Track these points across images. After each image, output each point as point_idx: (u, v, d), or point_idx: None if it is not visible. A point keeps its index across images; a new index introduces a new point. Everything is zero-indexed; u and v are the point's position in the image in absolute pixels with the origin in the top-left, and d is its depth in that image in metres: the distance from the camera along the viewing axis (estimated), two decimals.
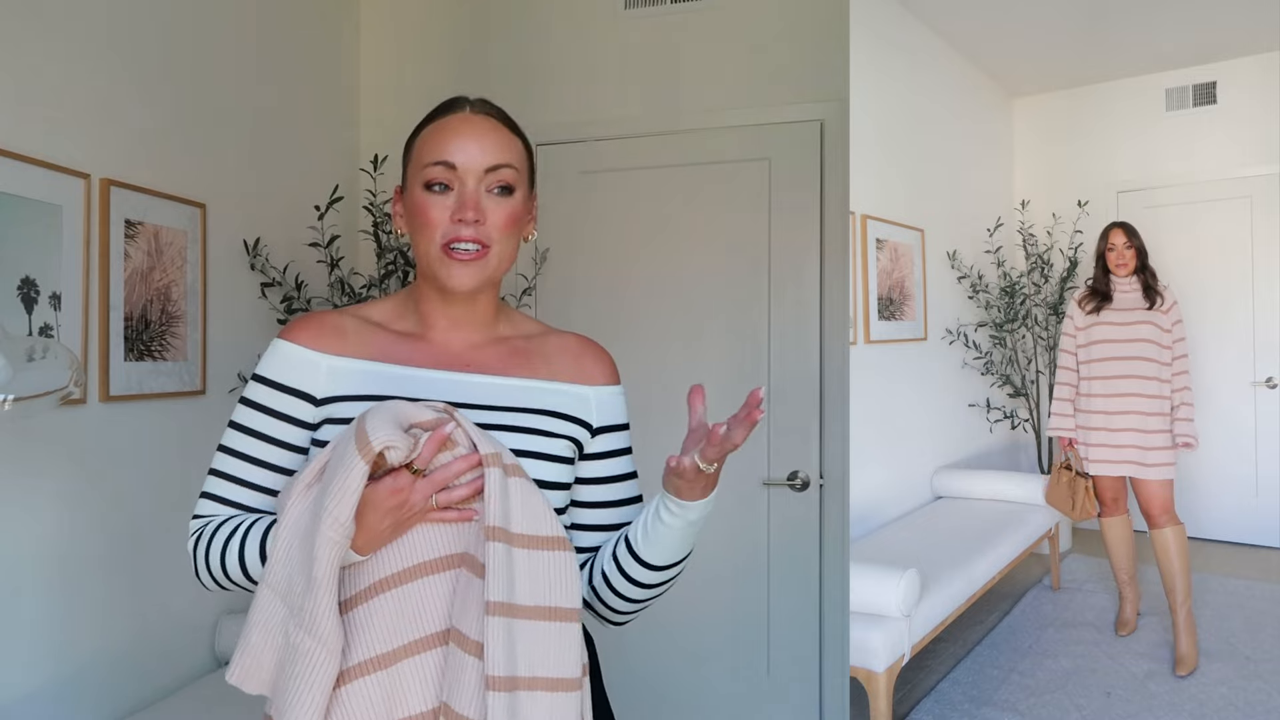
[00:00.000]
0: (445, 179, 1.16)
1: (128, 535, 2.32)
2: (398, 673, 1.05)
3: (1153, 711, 2.71)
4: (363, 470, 1.02)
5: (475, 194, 1.16)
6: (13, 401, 1.55)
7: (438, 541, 1.09)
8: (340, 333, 1.20)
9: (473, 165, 1.16)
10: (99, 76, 2.25)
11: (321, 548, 1.02)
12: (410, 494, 1.05)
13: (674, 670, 3.04)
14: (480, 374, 1.21)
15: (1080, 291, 3.40)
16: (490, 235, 1.17)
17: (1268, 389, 4.05)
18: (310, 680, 1.03)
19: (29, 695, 2.07)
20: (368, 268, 3.20)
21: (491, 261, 1.18)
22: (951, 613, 2.77)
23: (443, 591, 1.08)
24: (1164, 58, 4.14)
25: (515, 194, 1.19)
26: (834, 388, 2.92)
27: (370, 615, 1.06)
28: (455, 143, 1.17)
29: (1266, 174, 3.99)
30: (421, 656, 1.06)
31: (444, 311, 1.23)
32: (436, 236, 1.16)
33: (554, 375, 1.24)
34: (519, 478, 1.08)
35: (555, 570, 1.08)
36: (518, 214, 1.19)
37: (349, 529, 1.03)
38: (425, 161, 1.18)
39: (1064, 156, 4.51)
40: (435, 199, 1.17)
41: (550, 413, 1.21)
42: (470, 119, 1.19)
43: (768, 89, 2.99)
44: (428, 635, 1.07)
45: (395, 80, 3.30)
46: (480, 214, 1.16)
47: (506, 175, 1.18)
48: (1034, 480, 3.65)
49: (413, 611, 1.07)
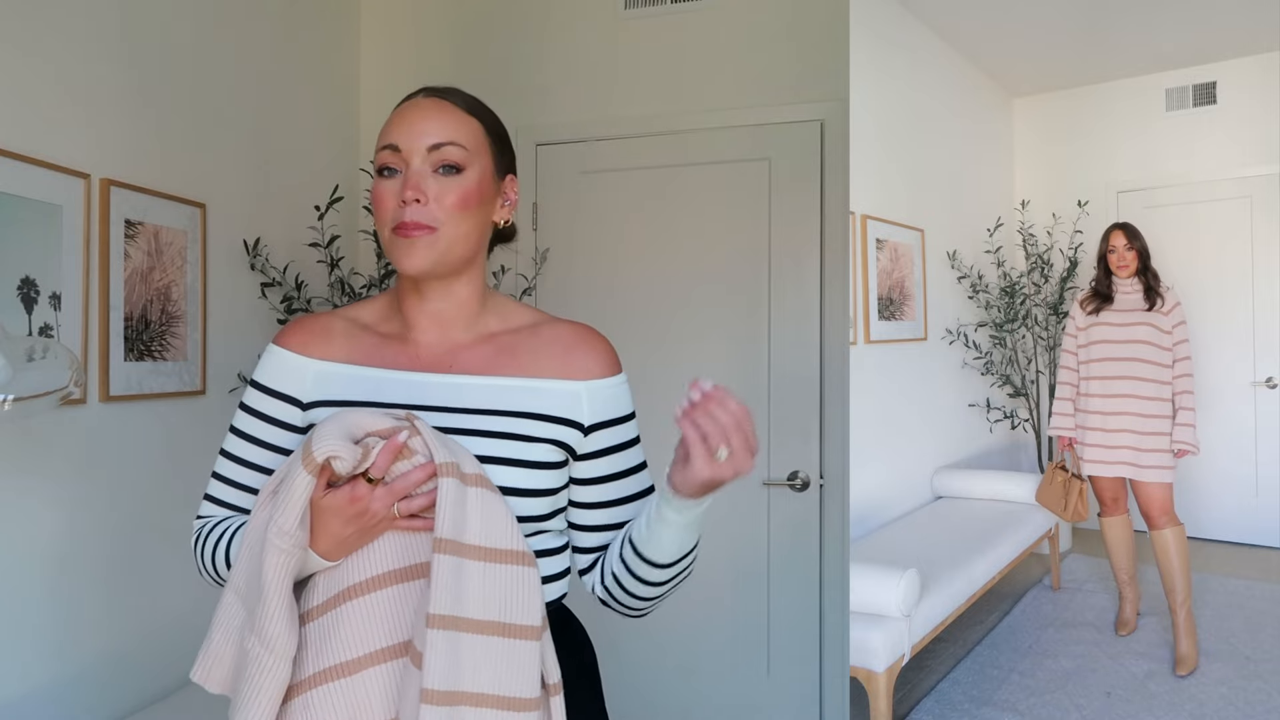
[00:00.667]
0: (392, 162, 1.16)
1: (127, 535, 2.32)
2: (361, 681, 1.05)
3: (1153, 711, 2.71)
4: (306, 480, 1.03)
5: (418, 174, 1.14)
6: (13, 401, 1.55)
7: (406, 551, 1.08)
8: (328, 336, 1.21)
9: (415, 145, 1.15)
10: (99, 76, 2.25)
11: (269, 555, 1.03)
12: (370, 502, 1.04)
13: (674, 670, 3.04)
14: (463, 374, 1.18)
15: (1083, 292, 3.40)
16: (436, 215, 1.13)
17: (1268, 389, 4.05)
18: (259, 685, 1.04)
19: (28, 695, 2.07)
20: (368, 268, 3.21)
21: (441, 242, 1.14)
22: (951, 613, 2.77)
23: (409, 601, 1.07)
24: (1164, 58, 4.14)
25: (466, 173, 1.16)
26: (834, 388, 2.92)
27: (336, 623, 1.06)
28: (400, 126, 1.17)
29: (1266, 174, 3.99)
30: (385, 666, 1.06)
31: (423, 308, 1.20)
32: (387, 221, 1.15)
33: (541, 372, 1.20)
34: (481, 488, 1.06)
35: (513, 585, 1.05)
36: (469, 193, 1.15)
37: (296, 538, 1.03)
38: (377, 147, 1.18)
39: (1064, 156, 4.51)
40: (385, 184, 1.16)
41: (534, 415, 1.17)
42: (419, 103, 1.19)
43: (768, 89, 2.99)
44: (392, 645, 1.06)
45: (395, 80, 3.29)
46: (421, 193, 1.13)
47: (450, 153, 1.15)
48: (1034, 480, 3.65)
49: (379, 619, 1.06)
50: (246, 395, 1.21)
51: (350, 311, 1.26)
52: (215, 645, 1.10)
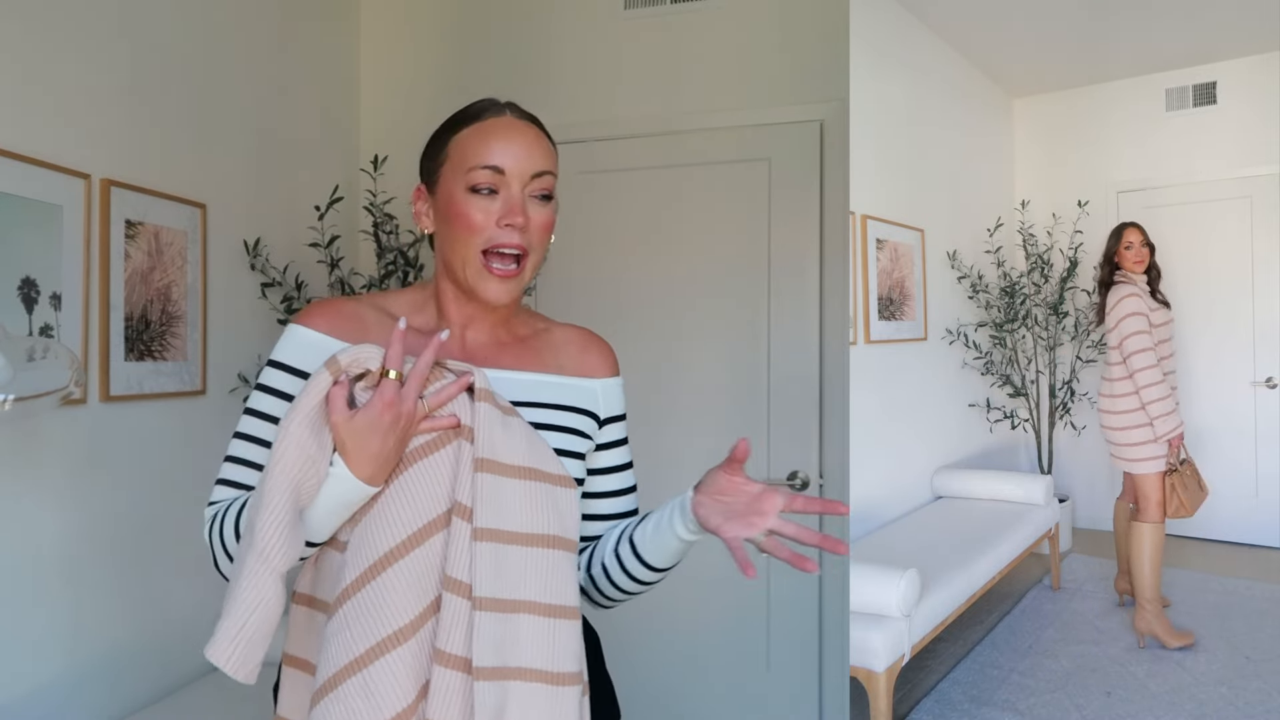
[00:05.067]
0: (492, 183, 1.16)
1: (128, 535, 2.32)
2: (419, 642, 1.05)
3: (1153, 711, 2.71)
4: (324, 379, 1.04)
5: (521, 198, 1.17)
6: (13, 401, 1.55)
7: (433, 501, 1.08)
8: (360, 322, 1.19)
9: (520, 170, 1.17)
10: (99, 76, 2.25)
11: (272, 458, 1.02)
12: (400, 402, 1.04)
13: (674, 670, 3.04)
14: (496, 369, 1.21)
15: (1131, 288, 3.33)
16: (531, 241, 1.17)
17: (1268, 389, 4.05)
18: (239, 591, 1.00)
19: (31, 694, 2.07)
20: (368, 268, 3.21)
21: (526, 274, 1.19)
22: (951, 613, 2.77)
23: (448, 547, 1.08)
24: (1164, 58, 4.14)
25: (553, 201, 1.21)
26: (834, 388, 2.92)
27: (381, 592, 1.05)
28: (503, 147, 1.17)
29: (1266, 174, 3.99)
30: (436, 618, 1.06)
31: (463, 310, 1.23)
32: (478, 241, 1.16)
33: (563, 369, 1.26)
34: (515, 417, 1.13)
35: (554, 502, 1.11)
36: (553, 221, 1.21)
37: (304, 446, 1.02)
38: (471, 164, 1.17)
39: (1064, 156, 4.51)
40: (480, 202, 1.16)
41: (567, 407, 1.23)
42: (515, 124, 1.20)
43: (768, 89, 2.99)
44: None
45: (395, 81, 3.30)
46: (526, 219, 1.16)
47: (549, 183, 1.19)
48: (1034, 480, 3.65)
49: (421, 576, 1.06)
50: (265, 375, 1.18)
51: (379, 301, 1.24)
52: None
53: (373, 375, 1.06)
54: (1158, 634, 3.14)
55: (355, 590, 1.05)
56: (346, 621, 1.04)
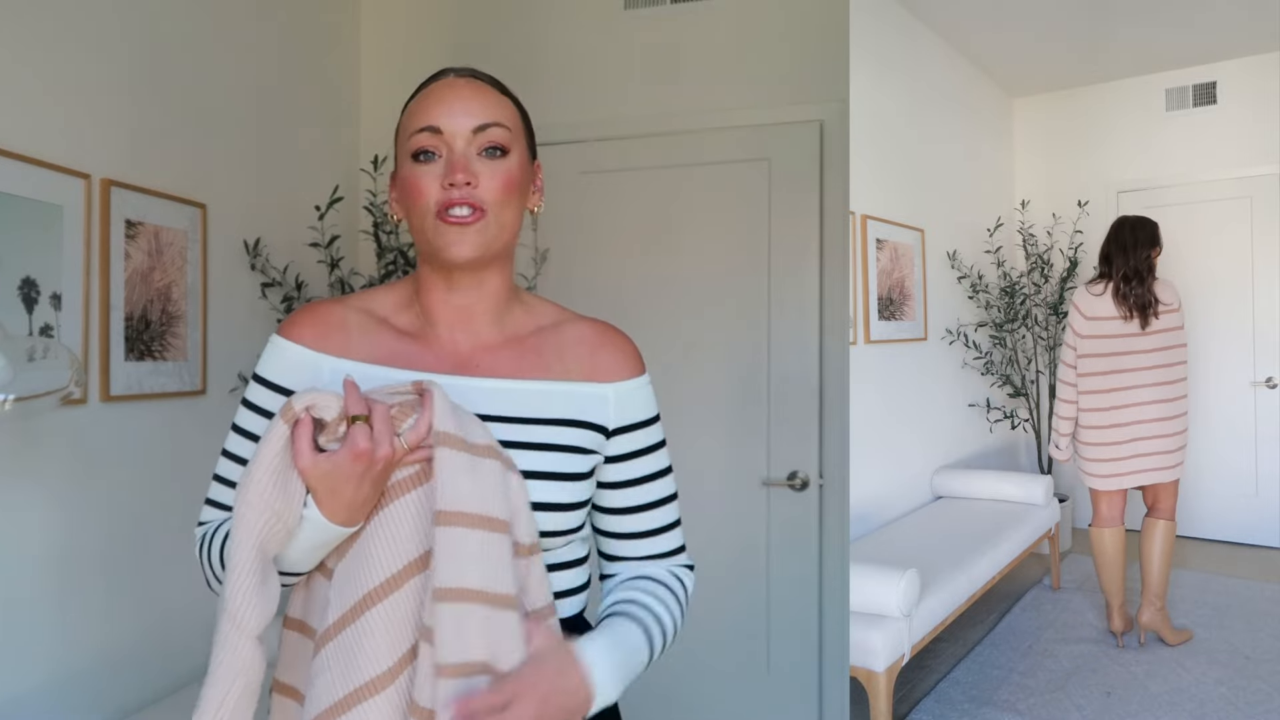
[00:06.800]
0: (432, 145, 1.08)
1: (128, 535, 2.32)
2: (398, 688, 1.00)
3: (1153, 711, 2.72)
4: (280, 430, 0.97)
5: (464, 156, 1.08)
6: (13, 401, 1.56)
7: (415, 541, 1.02)
8: (344, 330, 1.13)
9: (459, 127, 1.08)
10: (99, 76, 2.25)
11: (234, 519, 0.98)
12: (375, 448, 0.96)
13: (674, 670, 3.04)
14: (489, 377, 1.12)
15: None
16: (484, 198, 1.07)
17: (1268, 389, 4.05)
18: (219, 661, 0.98)
19: (28, 694, 2.07)
20: (368, 268, 3.21)
21: (491, 227, 1.08)
22: (951, 613, 2.77)
23: (427, 592, 1.01)
24: (1164, 58, 4.14)
25: (510, 156, 1.10)
26: (834, 388, 2.92)
27: (361, 635, 1.01)
28: (439, 107, 1.09)
29: (1266, 174, 4.00)
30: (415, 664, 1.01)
31: (449, 301, 1.13)
32: (429, 205, 1.07)
33: (568, 374, 1.15)
34: (491, 459, 1.02)
35: (505, 558, 1.01)
36: (514, 178, 1.10)
37: (267, 498, 0.97)
38: (410, 131, 1.10)
39: (1064, 156, 4.52)
40: (423, 169, 1.08)
41: (565, 421, 1.12)
42: (454, 83, 1.12)
43: (768, 89, 2.99)
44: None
45: (395, 81, 3.29)
46: (471, 176, 1.07)
47: (496, 135, 1.10)
48: (1034, 480, 3.65)
49: (403, 620, 1.01)
50: (250, 391, 1.14)
51: (362, 301, 1.17)
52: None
53: (332, 426, 0.99)
54: (1161, 630, 3.14)
55: (336, 633, 1.02)
56: (328, 663, 1.02)
